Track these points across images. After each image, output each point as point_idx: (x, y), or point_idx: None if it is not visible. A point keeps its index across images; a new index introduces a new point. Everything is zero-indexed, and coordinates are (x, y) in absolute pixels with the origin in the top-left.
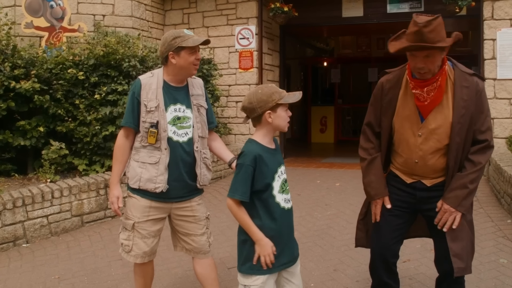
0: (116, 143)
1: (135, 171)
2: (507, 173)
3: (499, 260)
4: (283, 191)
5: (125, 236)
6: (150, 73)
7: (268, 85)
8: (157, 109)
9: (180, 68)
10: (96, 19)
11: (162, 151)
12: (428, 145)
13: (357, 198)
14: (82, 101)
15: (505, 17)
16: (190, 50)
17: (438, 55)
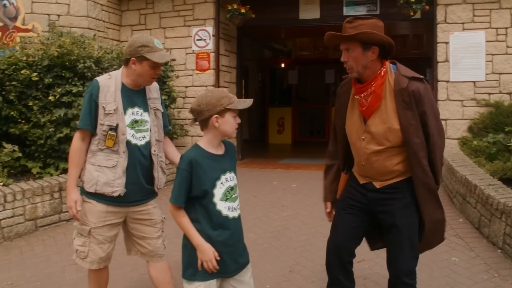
0: (72, 146)
1: (91, 175)
2: (459, 173)
3: (451, 258)
4: (227, 199)
5: (81, 242)
6: (107, 75)
7: (219, 89)
8: (115, 112)
9: (137, 76)
10: (51, 19)
11: (120, 154)
12: (371, 148)
13: (313, 199)
14: (36, 102)
15: (458, 21)
16: (153, 64)
17: (359, 51)
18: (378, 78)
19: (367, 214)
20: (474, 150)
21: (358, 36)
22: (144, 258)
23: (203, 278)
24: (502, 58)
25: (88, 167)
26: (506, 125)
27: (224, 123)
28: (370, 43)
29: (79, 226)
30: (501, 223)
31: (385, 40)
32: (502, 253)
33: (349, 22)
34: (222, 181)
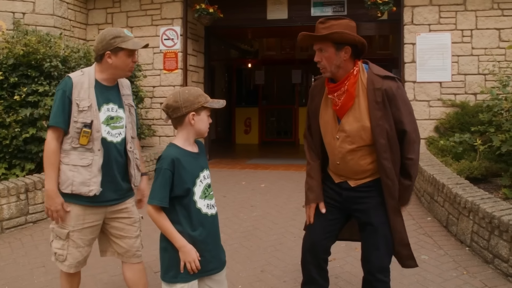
0: (48, 147)
1: (66, 175)
2: (427, 172)
3: (420, 256)
4: (206, 196)
5: (59, 245)
6: (80, 71)
7: (195, 87)
8: (89, 109)
9: (115, 69)
10: (15, 17)
11: (95, 152)
12: (345, 147)
13: (282, 199)
14: (1, 102)
15: (424, 23)
16: (129, 52)
17: (332, 51)
18: (351, 77)
19: (343, 212)
20: (441, 150)
21: (331, 36)
22: (120, 259)
23: (185, 279)
24: (468, 59)
25: (62, 168)
26: (471, 125)
27: (199, 121)
28: (342, 43)
29: (57, 229)
30: (469, 221)
31: (357, 40)
32: (470, 250)
33: (321, 23)
34: (201, 178)
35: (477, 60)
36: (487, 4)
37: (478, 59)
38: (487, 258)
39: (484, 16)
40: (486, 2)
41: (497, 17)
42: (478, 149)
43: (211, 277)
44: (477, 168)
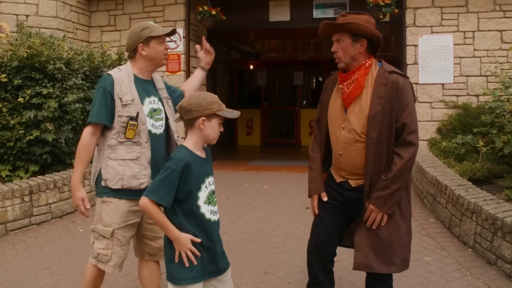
0: (82, 141)
1: (115, 170)
2: (429, 174)
3: (424, 258)
4: (210, 202)
5: (103, 245)
6: (117, 68)
7: (211, 93)
8: (133, 102)
9: (150, 59)
10: (19, 19)
11: (143, 144)
12: (349, 137)
13: (286, 200)
14: (5, 104)
15: (426, 24)
16: (159, 39)
17: (348, 42)
18: (362, 68)
19: (346, 212)
20: (443, 151)
21: (348, 26)
22: (152, 259)
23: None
24: (470, 61)
25: (110, 164)
26: (474, 127)
27: (209, 127)
28: (359, 34)
29: (100, 228)
30: (472, 223)
31: (373, 33)
32: (473, 252)
33: (342, 16)
34: (206, 184)
35: (479, 61)
36: (489, 6)
37: (480, 61)
38: (490, 260)
39: (486, 18)
40: (488, 4)
41: (499, 18)
42: (481, 151)
43: (216, 278)
44: (479, 170)
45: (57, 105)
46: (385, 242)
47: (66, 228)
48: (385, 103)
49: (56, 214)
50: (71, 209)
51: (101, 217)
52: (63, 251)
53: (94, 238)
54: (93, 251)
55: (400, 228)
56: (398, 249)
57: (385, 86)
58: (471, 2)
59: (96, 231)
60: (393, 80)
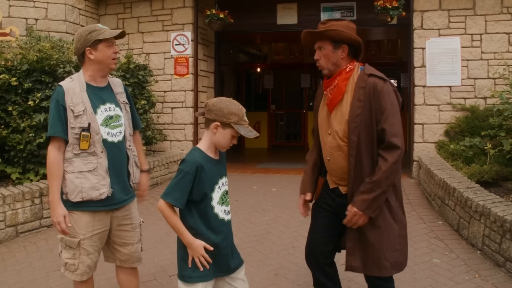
0: (50, 158)
1: (74, 184)
2: (438, 176)
3: (432, 260)
4: (223, 202)
5: (70, 255)
6: (69, 78)
7: (240, 105)
8: (85, 113)
9: (99, 63)
10: (28, 23)
11: (99, 154)
12: (334, 142)
13: (294, 203)
14: (15, 107)
15: (434, 27)
16: (107, 42)
17: (329, 49)
18: (343, 73)
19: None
20: (451, 154)
21: (328, 33)
22: (123, 265)
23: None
24: (477, 64)
25: (67, 177)
26: (481, 129)
27: (220, 134)
28: (339, 41)
29: (66, 239)
30: (480, 225)
31: (353, 38)
32: (481, 254)
33: (322, 23)
34: (220, 185)
35: (486, 64)
36: (496, 9)
37: (487, 63)
38: (499, 262)
39: (493, 20)
40: (496, 6)
41: (507, 21)
42: (489, 153)
43: (230, 276)
44: (487, 172)
45: None
46: (375, 246)
47: None
48: (364, 106)
49: None
50: None
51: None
52: None
53: (62, 247)
54: (60, 260)
55: (391, 231)
56: (388, 252)
57: (364, 89)
58: (479, 4)
59: (62, 241)
60: (371, 83)
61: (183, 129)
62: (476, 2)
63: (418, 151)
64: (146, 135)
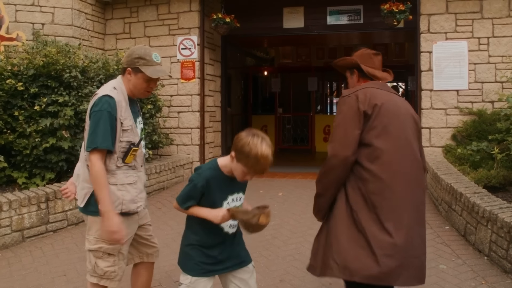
0: (97, 168)
1: (115, 195)
2: (444, 181)
3: (439, 266)
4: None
5: (110, 263)
6: (112, 87)
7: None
8: (132, 128)
9: (133, 86)
10: (35, 27)
11: (138, 168)
12: None
13: (300, 207)
14: (22, 112)
15: (441, 31)
16: (147, 77)
17: (348, 75)
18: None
19: None
20: (458, 158)
21: (336, 64)
22: (149, 260)
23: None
24: (485, 67)
25: (109, 188)
26: (489, 133)
27: (236, 165)
28: (347, 67)
29: (107, 247)
30: (487, 231)
31: (352, 62)
32: (488, 260)
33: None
34: (229, 201)
35: (494, 68)
36: (503, 12)
37: (495, 67)
38: (506, 268)
39: (501, 24)
40: (503, 10)
41: None
42: (496, 158)
43: (235, 275)
44: (495, 177)
45: (73, 113)
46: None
47: (81, 235)
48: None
49: (72, 221)
50: None
51: (102, 236)
52: (79, 258)
53: (96, 257)
54: (96, 270)
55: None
56: (336, 254)
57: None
58: (486, 8)
59: (100, 251)
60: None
61: (189, 133)
62: (483, 6)
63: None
64: (153, 140)
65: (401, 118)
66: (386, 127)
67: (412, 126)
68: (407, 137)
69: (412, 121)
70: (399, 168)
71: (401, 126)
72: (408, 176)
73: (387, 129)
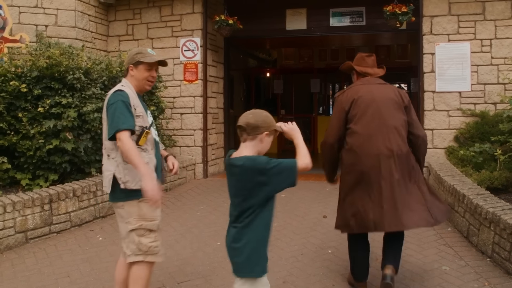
0: (130, 144)
1: (133, 173)
2: (447, 183)
3: (441, 267)
4: None
5: (152, 239)
6: (121, 85)
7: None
8: (143, 115)
9: (136, 80)
10: (38, 29)
11: (149, 151)
12: None
13: (303, 209)
14: (25, 114)
15: (443, 32)
16: (147, 66)
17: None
18: None
19: None
20: (461, 160)
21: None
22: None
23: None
24: (487, 69)
25: (128, 167)
26: (491, 135)
27: (268, 142)
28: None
29: (147, 223)
30: (490, 232)
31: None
32: (491, 261)
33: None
34: None
35: (496, 69)
36: (506, 14)
37: (497, 69)
38: (509, 269)
39: (503, 25)
40: (506, 11)
41: None
42: (499, 159)
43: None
44: (497, 179)
45: (76, 114)
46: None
47: (85, 236)
48: None
49: (76, 223)
50: (90, 217)
51: (143, 215)
52: (82, 259)
53: (139, 235)
54: (141, 248)
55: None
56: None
57: None
58: (488, 9)
59: (141, 228)
60: None
61: (192, 135)
62: (486, 7)
63: (427, 156)
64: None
65: (375, 104)
66: (362, 113)
67: (391, 105)
68: (381, 116)
69: (390, 102)
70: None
71: (375, 110)
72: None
73: (362, 114)
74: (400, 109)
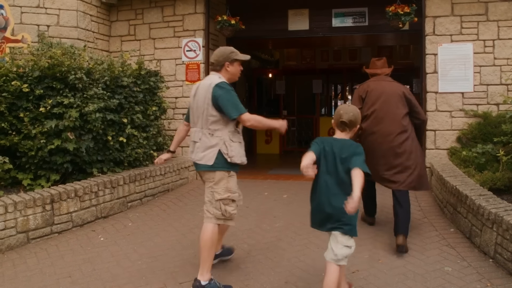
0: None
1: (238, 149)
2: (450, 183)
3: (444, 268)
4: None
5: (233, 207)
6: (218, 77)
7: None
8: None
9: (232, 75)
10: (40, 29)
11: (240, 133)
12: None
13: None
14: (27, 114)
15: (446, 33)
16: (240, 62)
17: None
18: None
19: None
20: (463, 160)
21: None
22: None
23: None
24: (490, 70)
25: (233, 145)
26: (494, 136)
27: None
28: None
29: (231, 195)
30: (493, 233)
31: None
32: (493, 262)
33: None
34: None
35: (499, 70)
36: (509, 14)
37: (500, 69)
38: (511, 270)
39: (506, 26)
40: (508, 12)
41: None
42: (501, 160)
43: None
44: (500, 179)
45: (78, 114)
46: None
47: (86, 236)
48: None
49: (77, 223)
50: (92, 218)
51: (230, 187)
52: (84, 259)
53: (225, 204)
54: (225, 214)
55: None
56: None
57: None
58: (491, 10)
59: (228, 198)
60: None
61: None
62: (489, 8)
63: (430, 157)
64: (157, 141)
65: (384, 97)
66: (373, 102)
67: (396, 99)
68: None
69: (396, 96)
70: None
71: (384, 101)
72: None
73: (373, 103)
74: (402, 101)
